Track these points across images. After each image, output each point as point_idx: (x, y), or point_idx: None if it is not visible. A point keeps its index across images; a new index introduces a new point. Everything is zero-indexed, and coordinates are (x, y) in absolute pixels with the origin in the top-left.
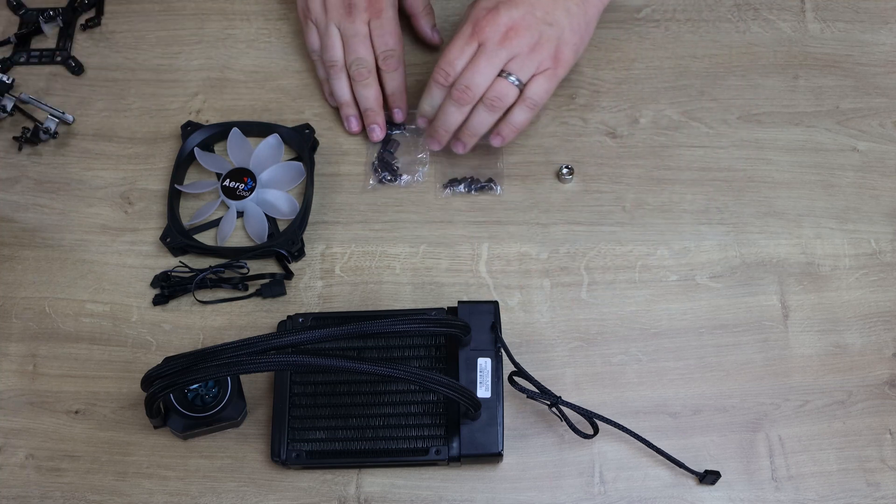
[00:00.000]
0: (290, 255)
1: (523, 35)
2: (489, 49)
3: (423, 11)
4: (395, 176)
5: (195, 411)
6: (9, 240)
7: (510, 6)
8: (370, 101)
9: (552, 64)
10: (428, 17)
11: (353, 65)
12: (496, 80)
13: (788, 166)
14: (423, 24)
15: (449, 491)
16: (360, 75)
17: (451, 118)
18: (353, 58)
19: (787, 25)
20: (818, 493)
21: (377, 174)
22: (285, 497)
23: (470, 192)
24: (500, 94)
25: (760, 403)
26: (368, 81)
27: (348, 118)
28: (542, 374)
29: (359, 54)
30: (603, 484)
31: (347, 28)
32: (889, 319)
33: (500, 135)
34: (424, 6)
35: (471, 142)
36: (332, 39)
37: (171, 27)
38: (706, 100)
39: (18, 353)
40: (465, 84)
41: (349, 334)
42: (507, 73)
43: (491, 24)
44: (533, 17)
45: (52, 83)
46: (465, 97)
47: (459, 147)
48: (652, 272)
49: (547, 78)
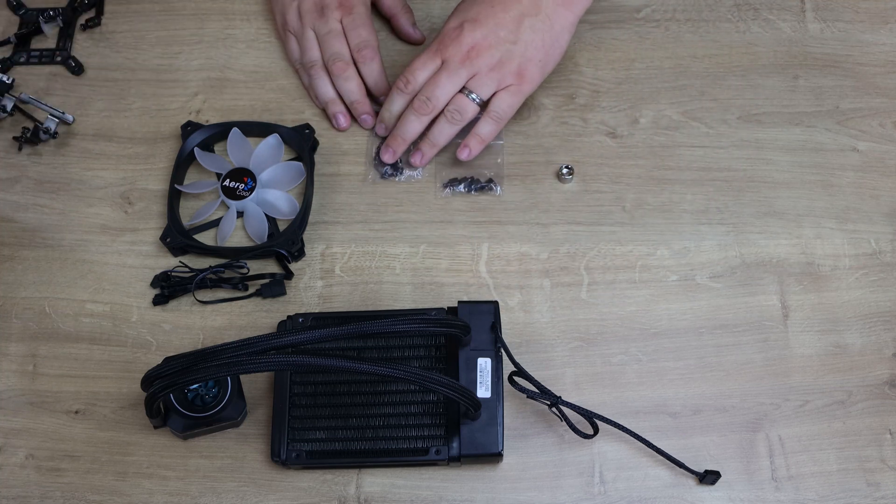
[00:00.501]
0: (290, 255)
1: (484, 55)
2: (451, 67)
3: (401, 11)
4: (396, 170)
5: (195, 411)
6: (9, 240)
7: (474, 26)
8: (354, 94)
9: (515, 80)
10: (407, 16)
11: (330, 60)
12: (457, 96)
13: (788, 166)
14: (402, 22)
15: (449, 491)
16: (339, 68)
17: (411, 127)
18: (329, 53)
19: (787, 25)
20: (818, 493)
21: (378, 169)
22: (285, 497)
23: (470, 191)
24: (460, 108)
25: (760, 403)
26: (348, 74)
27: (335, 115)
28: (542, 374)
29: (334, 49)
30: (603, 484)
31: (321, 27)
32: (889, 319)
33: (466, 146)
34: (402, 6)
35: (430, 153)
36: (308, 42)
37: (171, 27)
38: (706, 100)
39: (18, 353)
40: (426, 96)
41: (349, 334)
42: (469, 91)
43: (454, 43)
44: (496, 37)
45: (52, 83)
46: (424, 108)
47: (417, 157)
48: (652, 272)
49: (511, 94)
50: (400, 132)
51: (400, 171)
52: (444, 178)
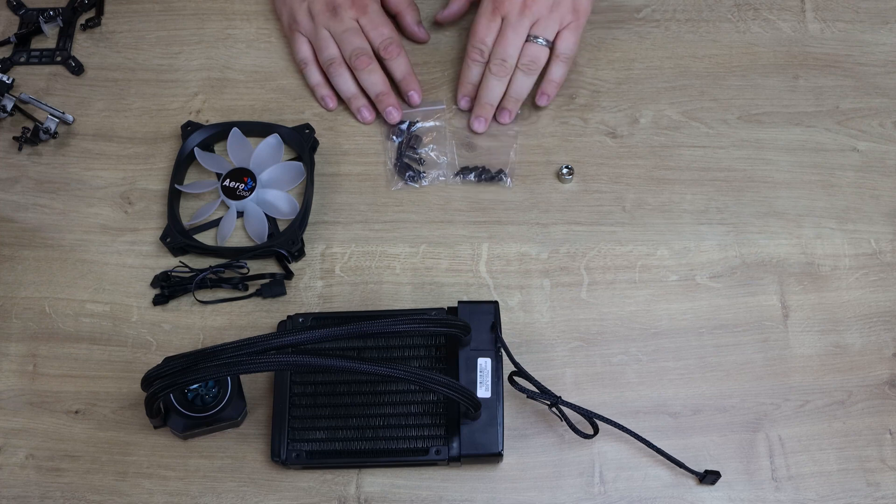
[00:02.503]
0: (290, 255)
1: (539, 1)
2: (512, 21)
3: (407, 8)
4: (418, 175)
5: (195, 411)
6: (9, 240)
7: None
8: (378, 86)
9: (573, 17)
10: (413, 14)
11: (353, 55)
12: (526, 46)
13: (788, 166)
14: (408, 20)
15: (449, 491)
16: (362, 62)
17: (494, 91)
18: (351, 49)
19: (787, 25)
20: (818, 493)
21: (402, 175)
22: (285, 497)
23: (480, 181)
24: (534, 58)
25: (760, 403)
26: (372, 67)
27: (359, 109)
28: (542, 374)
29: (355, 45)
30: (603, 484)
31: (336, 26)
32: (889, 319)
33: (545, 93)
34: (408, 3)
35: (515, 108)
36: (324, 41)
37: (171, 27)
38: (706, 100)
39: (18, 353)
40: (501, 58)
41: (349, 334)
42: (535, 37)
43: None
44: None
45: (52, 83)
46: (502, 69)
47: (506, 116)
48: (652, 272)
49: (571, 31)
50: (486, 98)
51: (422, 175)
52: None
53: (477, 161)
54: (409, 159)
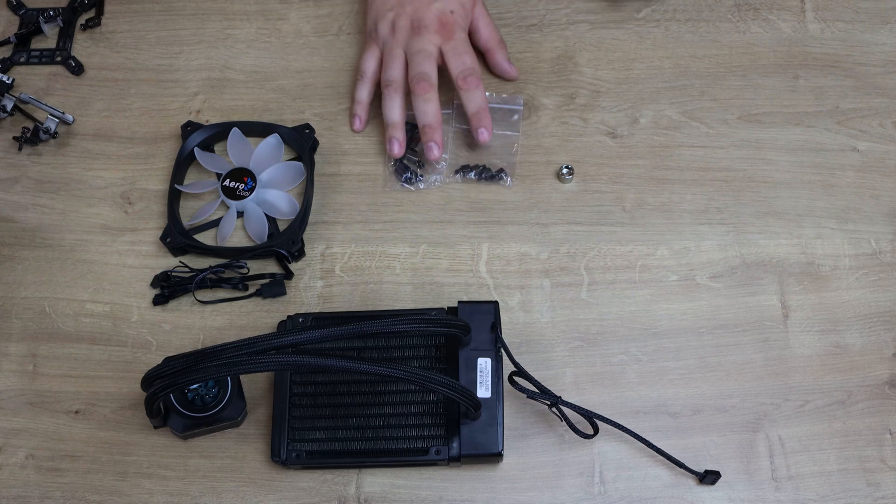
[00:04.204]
0: (290, 255)
1: None
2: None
3: (497, 45)
4: (416, 177)
5: (195, 411)
6: (9, 240)
7: None
8: (430, 117)
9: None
10: (504, 51)
11: (417, 77)
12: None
13: (788, 166)
14: (499, 57)
15: (449, 491)
16: (423, 89)
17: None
18: (419, 71)
19: (787, 25)
20: (818, 493)
21: (399, 176)
22: (285, 497)
23: (480, 179)
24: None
25: (760, 403)
26: (430, 96)
27: (392, 140)
28: (542, 374)
29: (423, 68)
30: (603, 484)
31: (414, 44)
32: (889, 319)
33: None
34: (498, 40)
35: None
36: (394, 60)
37: (171, 27)
38: (706, 100)
39: (18, 353)
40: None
41: (349, 334)
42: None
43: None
44: None
45: (52, 83)
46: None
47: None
48: (652, 272)
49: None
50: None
51: (419, 177)
52: (456, 164)
53: (477, 161)
54: (409, 160)
